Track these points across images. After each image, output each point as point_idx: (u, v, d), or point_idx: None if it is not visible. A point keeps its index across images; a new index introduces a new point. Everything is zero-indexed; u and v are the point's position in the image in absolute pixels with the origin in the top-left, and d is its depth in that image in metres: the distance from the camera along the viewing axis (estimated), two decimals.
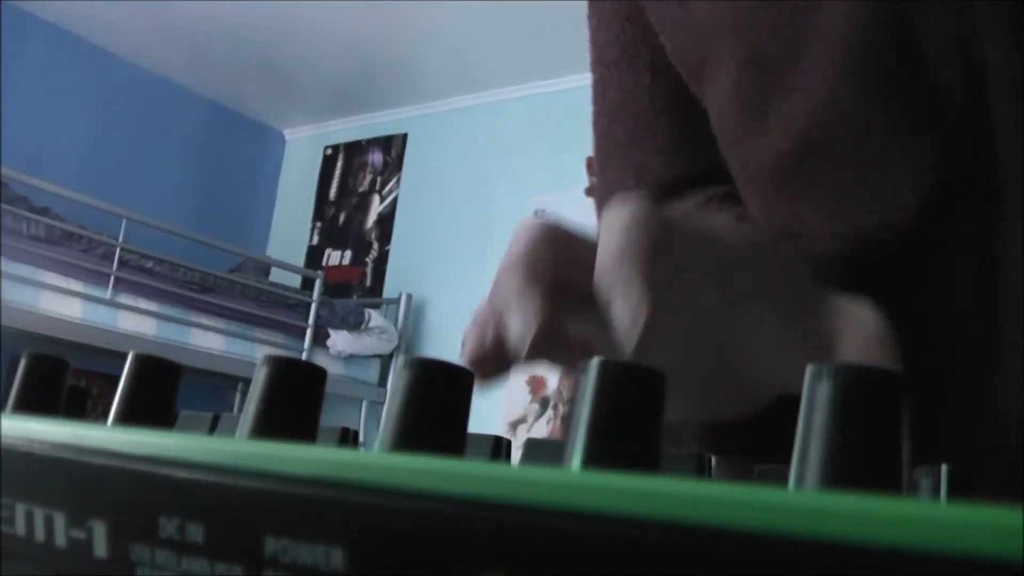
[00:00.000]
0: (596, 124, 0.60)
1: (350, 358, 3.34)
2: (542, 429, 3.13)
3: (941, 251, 0.42)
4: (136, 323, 2.79)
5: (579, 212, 3.29)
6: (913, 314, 0.40)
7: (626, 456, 0.14)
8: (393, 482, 0.13)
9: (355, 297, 3.76)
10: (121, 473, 0.15)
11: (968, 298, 0.42)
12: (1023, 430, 0.39)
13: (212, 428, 0.27)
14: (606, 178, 0.60)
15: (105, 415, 0.20)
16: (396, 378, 0.16)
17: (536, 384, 3.20)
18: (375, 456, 0.13)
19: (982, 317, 0.41)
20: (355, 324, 3.27)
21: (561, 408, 3.12)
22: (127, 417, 0.20)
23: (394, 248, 3.81)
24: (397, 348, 3.41)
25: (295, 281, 3.70)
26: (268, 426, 0.16)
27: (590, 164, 3.14)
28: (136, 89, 3.76)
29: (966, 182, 0.42)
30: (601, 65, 0.59)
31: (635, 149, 0.57)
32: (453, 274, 3.53)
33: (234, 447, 0.15)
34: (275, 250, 4.09)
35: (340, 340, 3.25)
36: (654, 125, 0.57)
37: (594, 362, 0.15)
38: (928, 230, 0.42)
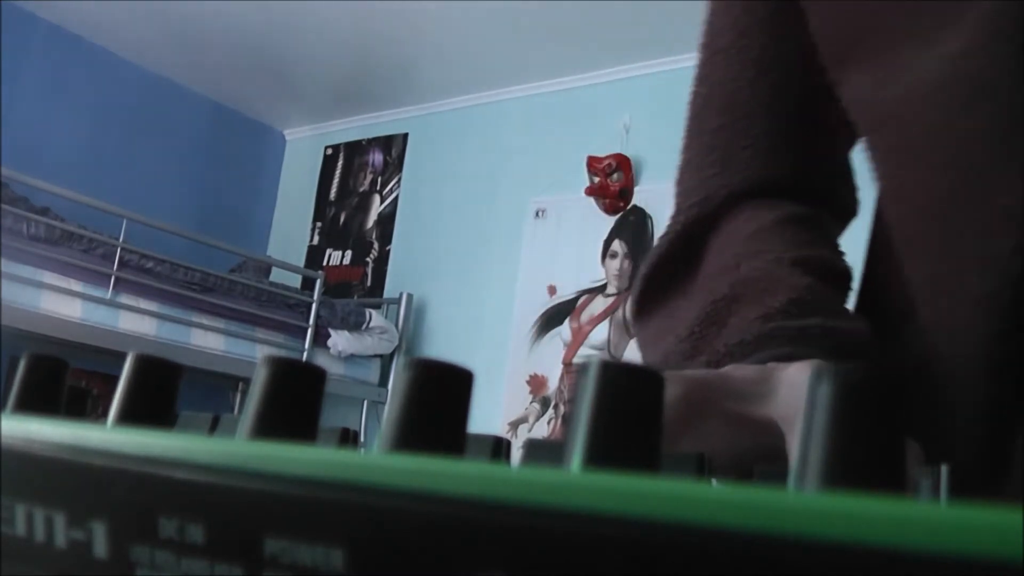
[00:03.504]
0: (692, 102, 0.59)
1: (350, 358, 3.34)
2: (543, 429, 3.13)
3: None
4: (136, 323, 2.79)
5: (579, 212, 3.30)
6: None
7: (626, 456, 0.14)
8: (393, 482, 0.13)
9: (355, 297, 3.76)
10: (121, 473, 0.15)
11: None
12: None
13: (212, 428, 0.27)
14: (687, 156, 0.59)
15: (105, 415, 0.20)
16: (396, 378, 0.16)
17: (537, 384, 3.20)
18: (375, 456, 0.13)
19: None
20: (355, 324, 3.27)
21: (562, 408, 3.12)
22: (127, 417, 0.20)
23: (394, 248, 3.81)
24: (397, 348, 3.41)
25: (295, 281, 3.70)
26: (268, 426, 0.16)
27: (590, 164, 3.14)
28: (136, 89, 3.76)
29: None
30: (710, 49, 0.58)
31: (724, 137, 0.56)
32: (453, 274, 3.53)
33: (234, 447, 0.15)
34: (275, 250, 4.09)
35: (340, 340, 3.25)
36: (748, 120, 0.56)
37: (594, 362, 0.15)
38: None
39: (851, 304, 0.53)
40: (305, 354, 3.15)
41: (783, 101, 0.56)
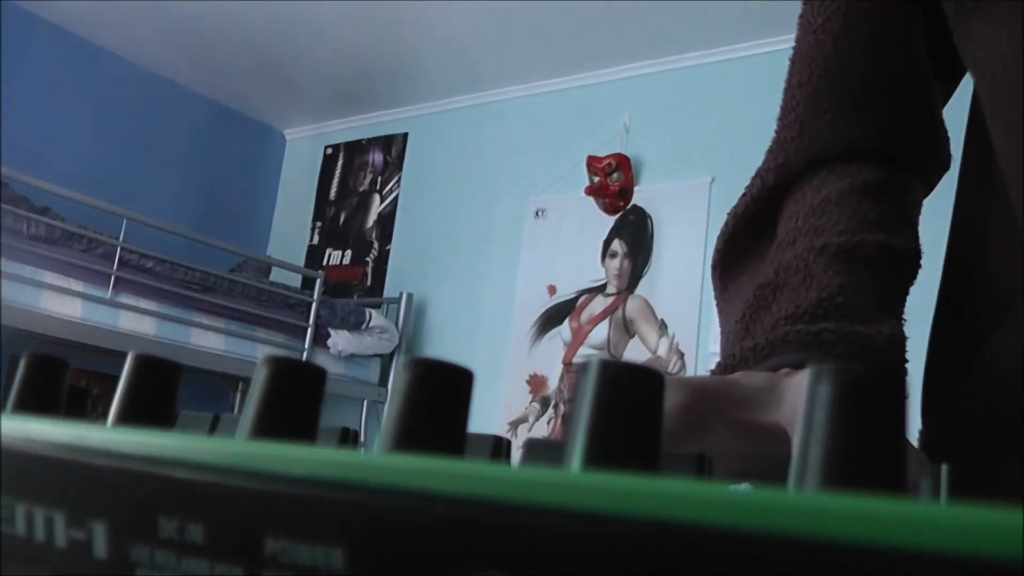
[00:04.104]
0: (791, 60, 0.56)
1: (350, 358, 3.34)
2: (543, 429, 3.13)
3: None
4: (136, 323, 2.79)
5: (579, 212, 3.30)
6: None
7: (626, 456, 0.14)
8: (393, 482, 0.13)
9: (355, 297, 3.76)
10: (121, 473, 0.15)
11: None
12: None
13: (212, 428, 0.27)
14: (781, 114, 0.55)
15: (105, 415, 0.20)
16: (396, 378, 0.16)
17: (537, 384, 3.20)
18: (375, 456, 0.13)
19: None
20: (355, 324, 3.27)
21: (562, 408, 3.12)
22: (127, 417, 0.20)
23: (394, 248, 3.81)
24: (397, 348, 3.41)
25: (295, 281, 3.70)
26: (268, 426, 0.16)
27: (590, 164, 3.14)
28: (137, 89, 3.76)
29: None
30: (805, 3, 0.55)
31: (804, 95, 0.53)
32: (453, 274, 3.53)
33: (234, 447, 0.15)
34: (275, 250, 4.09)
35: (340, 340, 3.25)
36: (830, 78, 0.53)
37: (594, 362, 0.15)
38: None
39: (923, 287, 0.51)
40: (305, 354, 3.15)
41: (870, 54, 0.52)
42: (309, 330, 3.21)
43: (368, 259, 3.88)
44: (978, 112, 0.51)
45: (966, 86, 0.54)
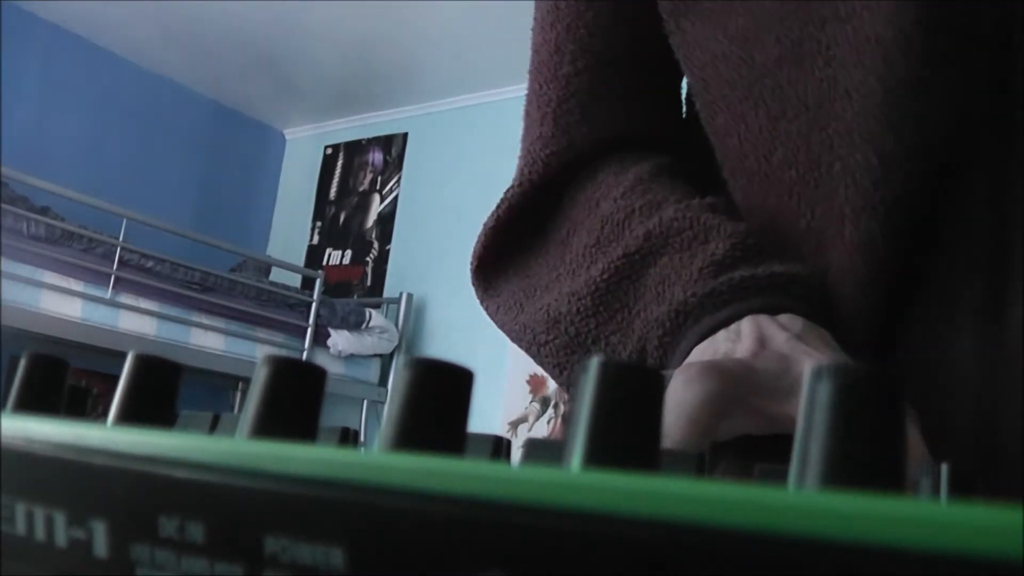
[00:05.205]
0: (540, 48, 0.57)
1: (350, 358, 3.33)
2: (543, 429, 3.13)
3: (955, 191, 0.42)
4: (136, 323, 2.79)
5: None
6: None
7: (626, 456, 0.14)
8: (393, 482, 0.13)
9: (355, 297, 3.76)
10: (121, 472, 0.15)
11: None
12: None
13: (212, 428, 0.27)
14: (538, 103, 0.56)
15: (105, 414, 0.20)
16: (396, 378, 0.16)
17: (537, 383, 3.20)
18: (375, 456, 0.13)
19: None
20: (355, 324, 3.27)
21: (562, 407, 3.12)
22: (127, 417, 0.20)
23: (394, 248, 3.81)
24: (397, 348, 3.41)
25: (295, 281, 3.70)
26: (268, 426, 0.16)
27: None
28: (136, 89, 3.76)
29: (989, 121, 0.42)
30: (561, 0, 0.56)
31: (583, 83, 0.54)
32: (453, 274, 3.53)
33: (234, 447, 0.15)
34: (275, 250, 4.09)
35: (340, 340, 3.25)
36: (608, 68, 0.54)
37: (594, 362, 0.15)
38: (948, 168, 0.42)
39: None
40: (305, 354, 3.15)
41: (638, 49, 0.54)
42: (309, 330, 3.21)
43: (368, 259, 3.88)
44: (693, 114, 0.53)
45: None
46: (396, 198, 3.87)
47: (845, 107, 0.43)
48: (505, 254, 0.55)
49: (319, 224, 4.11)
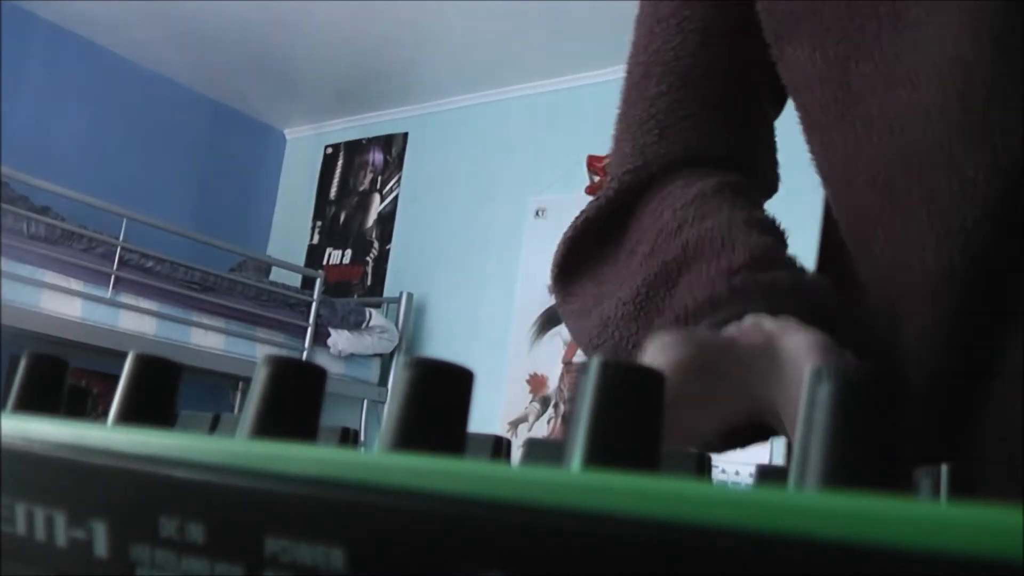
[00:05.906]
0: (631, 72, 0.60)
1: (350, 358, 3.33)
2: (543, 429, 3.13)
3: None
4: (136, 322, 2.79)
5: (579, 211, 3.29)
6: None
7: (626, 456, 0.14)
8: (393, 482, 0.13)
9: (355, 296, 3.76)
10: (121, 472, 0.15)
11: None
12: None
13: (212, 428, 0.27)
14: (623, 125, 0.59)
15: (105, 414, 0.20)
16: (396, 378, 0.16)
17: (537, 383, 3.20)
18: (375, 456, 0.13)
19: None
20: (355, 323, 3.27)
21: (562, 407, 3.12)
22: (127, 417, 0.20)
23: (394, 247, 3.81)
24: (397, 347, 3.41)
25: (295, 280, 3.70)
26: (268, 426, 0.16)
27: (590, 164, 3.14)
28: (136, 88, 3.76)
29: None
30: (652, 19, 0.59)
31: (664, 105, 0.56)
32: (453, 274, 3.53)
33: (234, 447, 0.15)
34: (275, 249, 4.09)
35: (340, 340, 3.25)
36: (688, 90, 0.56)
37: (594, 362, 0.15)
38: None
39: None
40: (305, 353, 3.15)
41: (722, 72, 0.56)
42: (309, 330, 3.21)
43: (368, 259, 3.88)
44: None
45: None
46: (396, 198, 3.87)
47: (926, 129, 0.43)
48: (583, 264, 0.57)
49: (319, 224, 4.11)
